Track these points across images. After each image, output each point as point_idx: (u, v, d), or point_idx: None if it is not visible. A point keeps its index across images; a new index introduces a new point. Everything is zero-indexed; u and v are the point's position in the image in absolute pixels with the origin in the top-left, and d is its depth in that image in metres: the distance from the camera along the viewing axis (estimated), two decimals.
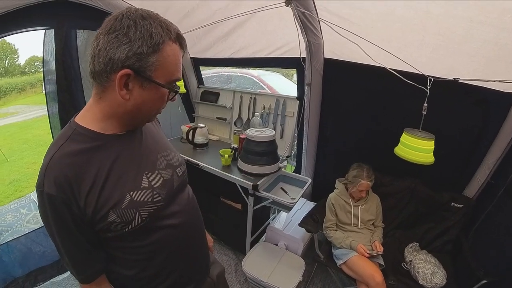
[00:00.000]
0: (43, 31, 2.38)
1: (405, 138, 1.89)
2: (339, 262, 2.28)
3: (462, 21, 1.60)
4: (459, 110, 2.20)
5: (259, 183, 2.31)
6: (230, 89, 3.40)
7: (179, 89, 0.97)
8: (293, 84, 6.67)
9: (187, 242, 1.14)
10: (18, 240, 2.76)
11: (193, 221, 1.18)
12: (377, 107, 2.54)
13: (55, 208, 0.83)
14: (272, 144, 2.43)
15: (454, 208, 2.37)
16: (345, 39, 1.95)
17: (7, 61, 17.09)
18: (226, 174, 2.47)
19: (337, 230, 2.45)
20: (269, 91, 5.35)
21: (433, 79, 1.78)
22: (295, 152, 3.27)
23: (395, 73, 1.89)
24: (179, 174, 1.14)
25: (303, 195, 2.51)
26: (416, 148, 1.82)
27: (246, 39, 2.82)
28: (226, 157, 2.59)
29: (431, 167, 1.85)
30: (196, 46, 3.14)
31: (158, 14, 0.86)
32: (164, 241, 1.04)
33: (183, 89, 3.02)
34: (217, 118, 3.45)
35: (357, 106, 2.66)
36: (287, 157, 2.86)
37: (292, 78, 7.66)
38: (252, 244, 2.77)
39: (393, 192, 2.59)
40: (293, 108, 2.86)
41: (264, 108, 3.06)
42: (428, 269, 2.13)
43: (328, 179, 2.77)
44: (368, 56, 1.93)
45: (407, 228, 2.58)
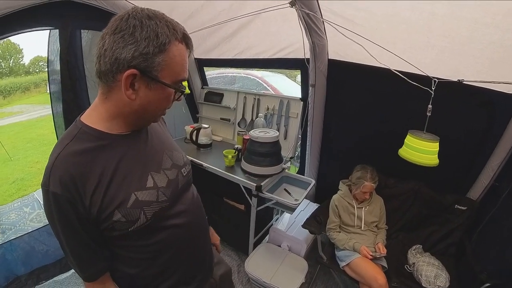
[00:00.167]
0: (48, 31, 2.39)
1: (410, 139, 1.88)
2: (342, 263, 2.28)
3: (467, 22, 1.59)
4: (463, 111, 2.18)
5: (262, 184, 2.30)
6: (234, 90, 3.39)
7: (185, 89, 0.97)
8: (297, 85, 6.68)
9: (192, 241, 1.14)
10: (21, 238, 2.76)
11: (197, 220, 1.18)
12: (382, 109, 2.53)
13: (60, 206, 0.83)
14: (275, 145, 2.43)
15: (458, 210, 2.35)
16: (349, 40, 1.94)
17: (11, 61, 17.20)
18: (229, 174, 2.47)
19: (340, 231, 2.44)
20: (273, 92, 5.35)
21: (437, 81, 1.76)
22: (298, 153, 3.26)
23: (400, 74, 1.87)
24: (184, 174, 1.14)
25: (307, 196, 2.49)
26: (420, 150, 1.81)
27: (250, 40, 2.82)
28: (229, 157, 2.58)
29: (435, 169, 1.83)
30: (200, 47, 3.13)
31: (164, 14, 0.86)
32: (168, 240, 1.04)
33: (187, 90, 3.03)
34: (221, 118, 3.45)
35: (361, 107, 2.65)
36: (291, 158, 2.85)
37: (295, 79, 7.64)
38: (255, 245, 2.76)
39: (397, 194, 2.58)
40: (297, 109, 2.85)
41: (268, 109, 3.05)
42: (431, 272, 2.12)
43: (331, 181, 2.76)
44: (372, 57, 1.91)
45: (411, 230, 2.56)
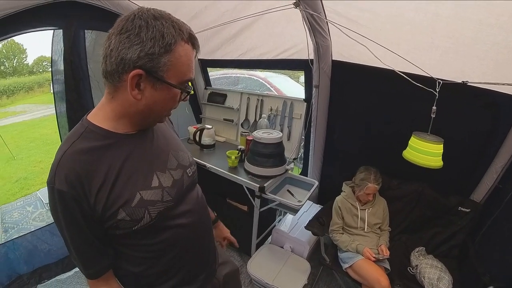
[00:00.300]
0: (52, 31, 2.40)
1: (414, 141, 1.87)
2: (345, 265, 2.27)
3: (471, 23, 1.59)
4: (467, 113, 2.17)
5: (265, 185, 2.30)
6: (237, 91, 3.40)
7: (191, 89, 0.97)
8: (300, 86, 6.68)
9: (196, 241, 1.14)
10: (24, 237, 2.77)
11: (202, 220, 1.19)
12: (385, 110, 2.52)
13: (66, 204, 0.84)
14: (279, 146, 2.42)
15: (461, 212, 2.33)
16: (353, 41, 1.93)
17: (15, 61, 17.27)
18: (232, 175, 2.47)
19: (343, 233, 2.44)
20: (276, 93, 5.34)
21: (442, 82, 1.75)
22: (301, 154, 3.26)
23: (404, 76, 1.86)
24: (189, 174, 1.15)
25: (310, 197, 2.49)
26: (424, 151, 1.80)
27: (253, 41, 2.82)
28: (233, 158, 2.58)
29: (438, 171, 1.82)
30: (203, 47, 3.12)
31: (170, 14, 0.86)
32: (173, 240, 1.04)
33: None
34: (224, 119, 3.45)
35: (365, 108, 2.64)
36: (294, 159, 2.84)
37: (298, 80, 7.64)
38: (257, 246, 2.76)
39: (400, 195, 2.57)
40: (300, 110, 2.84)
41: (271, 110, 3.05)
42: (434, 274, 2.11)
43: (334, 182, 2.76)
44: (376, 58, 1.91)
45: (414, 232, 2.55)
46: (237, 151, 2.66)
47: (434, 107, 1.76)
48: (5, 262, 2.58)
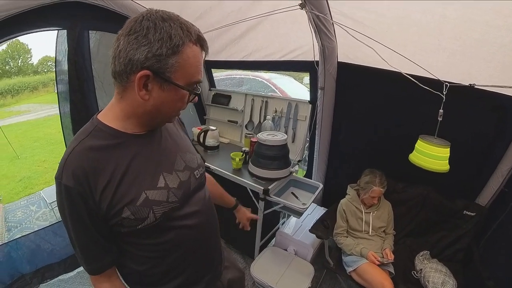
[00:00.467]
0: (56, 31, 2.40)
1: (420, 145, 1.85)
2: (349, 269, 2.26)
3: (478, 25, 1.58)
4: (474, 116, 2.15)
5: (270, 188, 2.28)
6: (241, 92, 3.40)
7: (199, 91, 0.98)
8: (304, 87, 6.67)
9: (201, 242, 1.14)
10: (27, 237, 2.76)
11: (208, 222, 1.19)
12: (391, 112, 2.50)
13: (71, 199, 0.85)
14: (284, 148, 2.41)
15: (466, 216, 2.31)
16: (359, 42, 1.92)
17: (20, 61, 17.36)
18: (236, 177, 2.45)
19: (347, 236, 2.42)
20: (281, 95, 5.33)
21: (449, 85, 1.73)
22: (306, 156, 3.24)
23: (411, 78, 1.85)
24: (197, 176, 1.15)
25: (314, 200, 2.46)
26: (431, 155, 1.78)
27: (258, 42, 2.81)
28: (237, 160, 2.57)
29: (444, 174, 1.80)
30: (208, 48, 3.11)
31: (179, 16, 0.87)
32: (177, 240, 1.04)
33: None
34: (228, 121, 3.44)
35: (371, 110, 2.62)
36: (299, 161, 2.83)
37: (302, 81, 7.62)
38: (261, 248, 2.74)
39: (406, 199, 2.56)
40: (305, 112, 2.83)
41: (275, 111, 3.03)
42: (438, 278, 2.08)
43: (339, 184, 2.74)
44: (383, 60, 1.89)
45: (418, 235, 2.53)
46: (241, 153, 2.64)
47: (441, 110, 1.73)
48: (7, 261, 2.57)
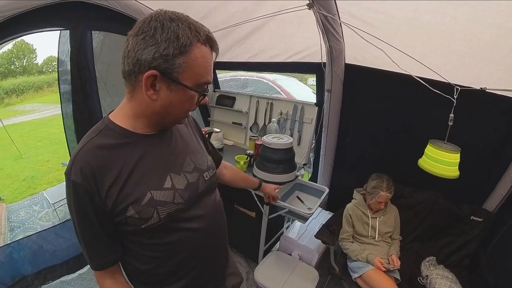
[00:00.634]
0: (59, 31, 2.38)
1: (430, 150, 1.81)
2: (355, 275, 2.23)
3: (489, 27, 1.56)
4: (483, 120, 2.11)
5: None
6: (246, 94, 3.36)
7: (208, 92, 0.98)
8: (308, 88, 6.63)
9: (207, 246, 1.13)
10: (29, 238, 2.76)
11: (215, 226, 1.18)
12: (399, 116, 2.46)
13: (78, 195, 0.88)
14: (289, 151, 2.37)
15: (473, 221, 2.28)
16: (367, 44, 1.88)
17: (25, 60, 17.50)
18: None
19: (353, 242, 2.39)
20: (285, 96, 5.31)
21: (460, 89, 1.69)
22: (311, 159, 3.20)
23: (421, 81, 1.80)
24: (206, 178, 1.14)
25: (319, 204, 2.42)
26: (441, 161, 1.73)
27: (264, 43, 2.78)
28: (241, 163, 2.54)
29: (452, 179, 1.76)
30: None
31: (188, 16, 0.88)
32: (182, 243, 1.05)
33: None
34: (233, 123, 3.41)
35: (379, 113, 2.58)
36: (304, 164, 2.78)
37: (306, 82, 7.59)
38: (265, 252, 2.71)
39: (413, 204, 2.52)
40: (311, 114, 2.79)
41: (281, 113, 3.00)
42: (444, 285, 2.04)
43: (345, 188, 2.70)
44: (393, 62, 1.85)
45: (425, 241, 2.49)
46: (246, 156, 2.62)
47: (451, 115, 1.69)
48: (9, 262, 2.57)
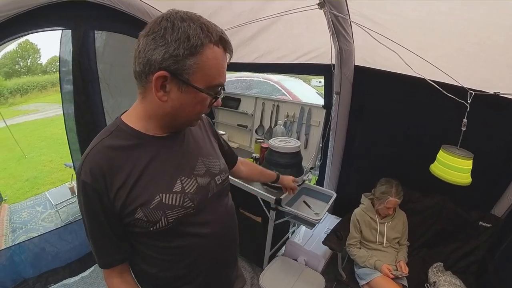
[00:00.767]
0: (60, 31, 2.36)
1: (442, 155, 1.76)
2: (362, 282, 2.21)
3: (503, 29, 1.51)
4: (496, 125, 2.07)
5: (282, 197, 2.20)
6: (252, 95, 3.33)
7: (220, 94, 0.95)
8: (312, 89, 6.58)
9: (215, 252, 1.12)
10: (31, 241, 2.73)
11: (225, 232, 1.16)
12: (410, 119, 2.42)
13: (88, 195, 0.88)
14: (297, 155, 2.33)
15: (481, 227, 2.24)
16: (378, 45, 1.85)
17: (29, 60, 17.59)
18: (247, 185, 2.35)
19: (360, 248, 2.35)
20: (290, 98, 5.28)
21: (474, 93, 1.64)
22: (318, 162, 3.16)
23: (435, 85, 1.75)
24: (218, 182, 1.12)
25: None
26: (453, 167, 1.69)
27: (270, 43, 2.75)
28: None
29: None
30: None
31: (201, 16, 0.85)
32: (190, 247, 1.04)
33: None
34: (238, 125, 3.38)
35: (388, 117, 2.54)
36: (311, 168, 2.74)
37: (310, 83, 7.55)
38: (270, 258, 2.67)
39: (421, 209, 2.48)
40: (319, 117, 2.76)
41: (287, 116, 2.97)
42: None
43: (352, 193, 2.66)
44: (407, 65, 1.80)
45: (432, 247, 2.46)
46: (252, 159, 2.58)
47: (465, 120, 1.64)
48: (10, 265, 2.55)
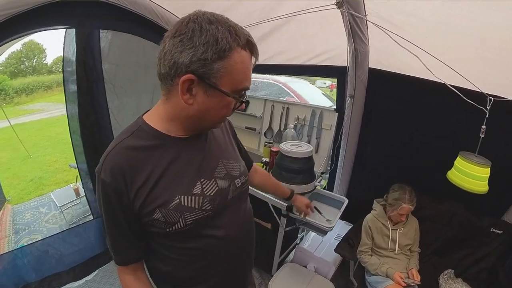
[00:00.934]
0: (64, 30, 2.34)
1: (460, 162, 1.71)
2: None
3: None
4: (507, 129, 2.03)
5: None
6: (261, 98, 3.30)
7: (245, 98, 0.95)
8: (318, 90, 6.55)
9: (232, 255, 1.12)
10: (33, 245, 2.68)
11: (243, 235, 1.16)
12: (425, 124, 2.40)
13: (107, 194, 0.89)
14: (309, 160, 2.28)
15: (493, 234, 2.22)
16: (393, 48, 1.81)
17: (35, 60, 17.68)
18: (257, 191, 2.27)
19: (372, 255, 2.31)
20: (297, 99, 5.26)
21: (493, 99, 1.59)
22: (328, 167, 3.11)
23: (455, 90, 1.70)
24: (238, 185, 1.12)
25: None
26: (470, 174, 1.64)
27: (282, 44, 2.71)
28: None
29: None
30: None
31: (228, 18, 0.84)
32: (206, 249, 1.03)
33: None
34: (246, 127, 3.35)
35: (403, 121, 2.52)
36: (322, 173, 2.68)
37: (315, 83, 7.52)
38: (278, 264, 2.63)
39: (433, 215, 2.46)
40: (330, 120, 2.72)
41: (298, 119, 2.93)
42: None
43: (362, 198, 2.60)
44: (428, 70, 1.74)
45: (443, 253, 2.44)
46: (262, 164, 2.54)
47: (483, 126, 1.59)
48: (12, 268, 2.51)
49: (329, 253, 2.58)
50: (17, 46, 15.87)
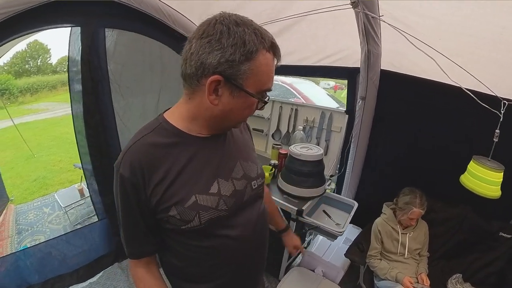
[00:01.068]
0: (69, 28, 2.32)
1: (473, 166, 1.69)
2: None
3: None
4: None
5: (304, 208, 2.12)
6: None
7: (269, 99, 0.96)
8: (323, 90, 6.51)
9: (244, 256, 1.11)
10: (36, 247, 2.66)
11: (256, 236, 1.15)
12: (436, 128, 2.37)
13: (125, 188, 0.91)
14: (320, 164, 2.25)
15: (502, 238, 2.19)
16: (406, 50, 1.81)
17: (39, 60, 17.77)
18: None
19: (381, 259, 2.28)
20: (303, 100, 5.24)
21: (507, 103, 1.58)
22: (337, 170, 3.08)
23: (470, 94, 1.67)
24: (254, 187, 1.12)
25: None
26: (483, 179, 1.63)
27: (292, 44, 2.68)
28: (266, 175, 2.38)
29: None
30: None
31: (252, 20, 0.85)
32: (220, 248, 1.04)
33: None
34: (253, 129, 3.31)
35: (414, 124, 2.50)
36: (331, 176, 2.65)
37: (318, 84, 7.49)
38: (286, 268, 2.60)
39: (443, 219, 2.43)
40: (340, 122, 2.71)
41: (307, 121, 2.91)
42: None
43: (371, 201, 2.57)
44: (444, 73, 1.71)
45: (452, 257, 2.41)
46: (270, 167, 2.51)
47: (497, 131, 1.60)
48: (14, 270, 2.49)
49: (338, 257, 2.56)
50: (21, 46, 16.03)
